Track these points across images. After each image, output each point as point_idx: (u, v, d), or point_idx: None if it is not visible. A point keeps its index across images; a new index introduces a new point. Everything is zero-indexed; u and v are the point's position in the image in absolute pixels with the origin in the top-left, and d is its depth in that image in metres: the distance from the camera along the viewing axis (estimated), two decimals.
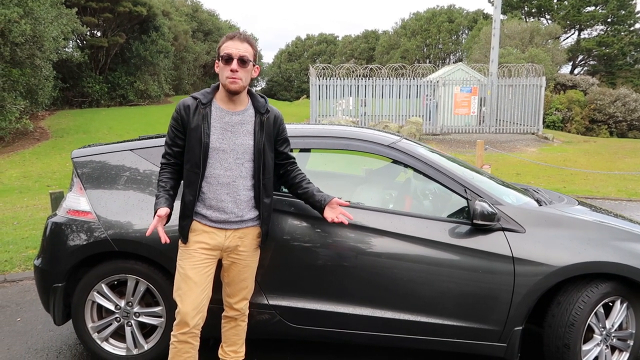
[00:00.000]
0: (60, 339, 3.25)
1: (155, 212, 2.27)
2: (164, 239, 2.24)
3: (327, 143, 2.95)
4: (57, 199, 4.83)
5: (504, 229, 2.67)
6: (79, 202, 2.91)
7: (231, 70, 2.27)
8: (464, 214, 2.76)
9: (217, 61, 2.36)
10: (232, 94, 2.33)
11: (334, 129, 3.10)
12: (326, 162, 4.24)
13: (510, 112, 18.00)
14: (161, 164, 2.44)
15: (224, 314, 2.60)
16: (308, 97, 18.99)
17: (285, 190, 2.88)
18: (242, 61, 2.28)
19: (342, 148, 2.92)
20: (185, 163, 2.36)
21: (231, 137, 2.35)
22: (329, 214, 2.46)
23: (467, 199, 2.71)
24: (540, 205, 3.00)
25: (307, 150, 3.23)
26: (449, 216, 2.84)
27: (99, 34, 25.22)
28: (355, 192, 3.44)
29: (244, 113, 2.39)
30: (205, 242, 2.34)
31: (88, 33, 23.60)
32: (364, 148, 2.90)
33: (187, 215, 2.35)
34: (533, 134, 17.62)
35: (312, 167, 3.70)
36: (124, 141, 3.28)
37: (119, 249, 2.77)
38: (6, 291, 4.16)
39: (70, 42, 22.41)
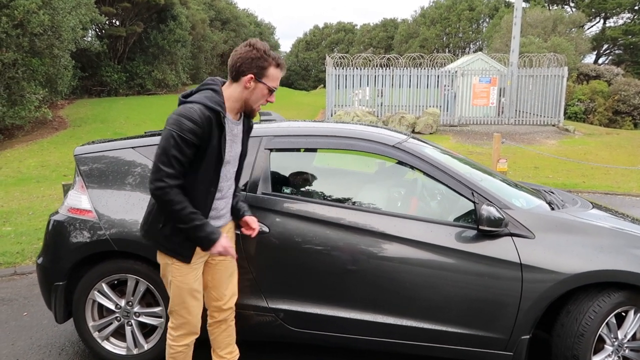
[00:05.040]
0: (64, 335, 3.27)
1: (216, 240, 2.15)
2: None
3: (331, 143, 2.87)
4: (69, 191, 4.86)
5: (512, 235, 2.57)
6: (80, 200, 2.90)
7: (267, 100, 2.24)
8: (472, 217, 2.67)
9: (252, 76, 2.15)
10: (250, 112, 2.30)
11: (338, 128, 3.02)
12: (335, 158, 4.16)
13: (531, 103, 17.60)
14: (171, 185, 2.05)
15: (211, 321, 2.54)
16: (325, 86, 18.85)
17: (287, 190, 2.83)
18: None
19: (346, 148, 2.84)
20: (197, 183, 2.14)
21: (234, 148, 2.32)
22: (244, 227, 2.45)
23: (474, 202, 2.61)
24: (552, 208, 2.89)
25: (313, 150, 3.14)
26: (456, 219, 2.75)
27: (117, 23, 25.34)
28: (361, 191, 3.36)
29: (241, 121, 2.35)
30: (200, 252, 2.29)
31: (107, 22, 23.73)
32: (368, 148, 2.82)
33: None
34: (553, 125, 17.22)
35: (319, 163, 3.63)
36: (128, 138, 3.25)
37: (119, 249, 2.75)
38: (15, 284, 4.20)
39: (89, 31, 22.56)
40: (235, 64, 2.16)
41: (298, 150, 2.98)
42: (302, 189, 2.96)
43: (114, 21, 25.30)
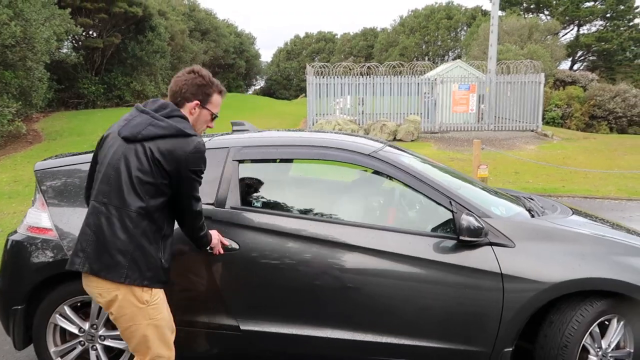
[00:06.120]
0: None
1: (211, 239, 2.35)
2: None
3: (303, 153, 2.77)
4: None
5: (492, 244, 2.49)
6: (40, 218, 2.74)
7: (207, 126, 2.28)
8: (451, 227, 2.58)
9: (198, 103, 2.19)
10: None
11: (311, 138, 2.93)
12: (310, 168, 4.05)
13: (509, 109, 17.79)
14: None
15: None
16: (306, 95, 18.81)
17: (258, 204, 2.72)
18: None
19: (319, 158, 2.74)
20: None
21: None
22: None
23: (452, 211, 2.53)
24: (532, 215, 2.83)
25: (288, 160, 3.03)
26: (434, 229, 2.66)
27: (94, 34, 25.00)
28: (337, 202, 3.26)
29: None
30: None
31: (83, 34, 23.39)
32: (342, 158, 2.72)
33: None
34: (532, 131, 17.41)
35: (296, 172, 3.51)
36: (92, 151, 3.10)
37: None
38: None
39: (65, 43, 22.18)
40: (180, 90, 2.17)
41: (268, 161, 2.87)
42: (275, 202, 2.84)
43: (90, 32, 24.94)
